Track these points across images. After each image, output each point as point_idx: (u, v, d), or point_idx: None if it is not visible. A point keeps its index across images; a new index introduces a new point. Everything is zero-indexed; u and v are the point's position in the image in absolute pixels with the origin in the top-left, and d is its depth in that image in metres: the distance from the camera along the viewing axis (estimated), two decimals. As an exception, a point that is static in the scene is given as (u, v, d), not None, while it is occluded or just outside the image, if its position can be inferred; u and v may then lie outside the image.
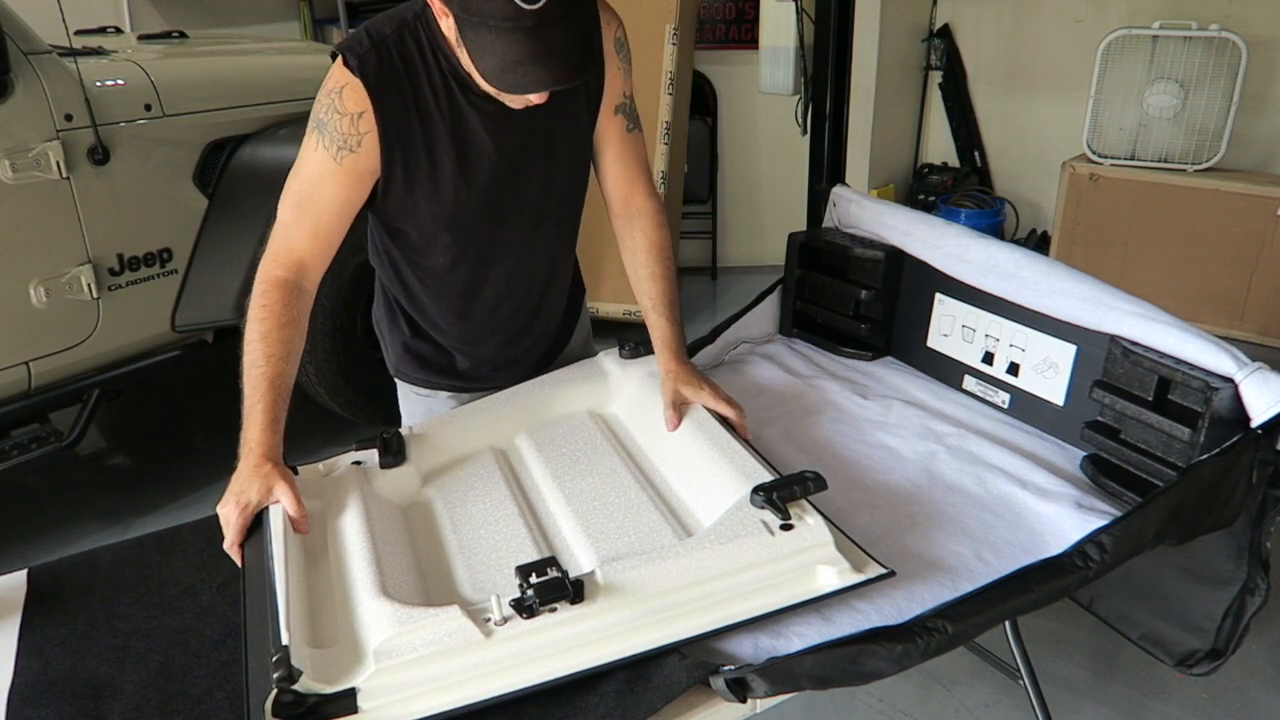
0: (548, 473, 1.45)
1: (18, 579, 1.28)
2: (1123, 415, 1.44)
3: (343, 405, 3.14)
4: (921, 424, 1.63)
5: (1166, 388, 1.41)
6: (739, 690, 1.04)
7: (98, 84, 2.57)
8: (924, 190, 4.78)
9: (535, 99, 1.29)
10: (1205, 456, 1.29)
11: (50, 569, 1.31)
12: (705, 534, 1.20)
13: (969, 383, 1.73)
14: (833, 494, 1.31)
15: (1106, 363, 1.48)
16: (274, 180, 2.72)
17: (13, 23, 2.41)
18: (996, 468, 1.49)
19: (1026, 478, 1.46)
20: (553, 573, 1.09)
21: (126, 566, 1.31)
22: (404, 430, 1.51)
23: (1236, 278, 3.83)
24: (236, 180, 2.85)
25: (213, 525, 1.38)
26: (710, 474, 1.35)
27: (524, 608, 1.06)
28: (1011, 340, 1.64)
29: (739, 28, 4.58)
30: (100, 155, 2.55)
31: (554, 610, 1.07)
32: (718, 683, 1.05)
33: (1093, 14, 4.35)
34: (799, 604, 1.15)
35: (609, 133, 1.54)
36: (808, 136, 2.40)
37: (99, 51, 2.80)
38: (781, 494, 1.22)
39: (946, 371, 1.78)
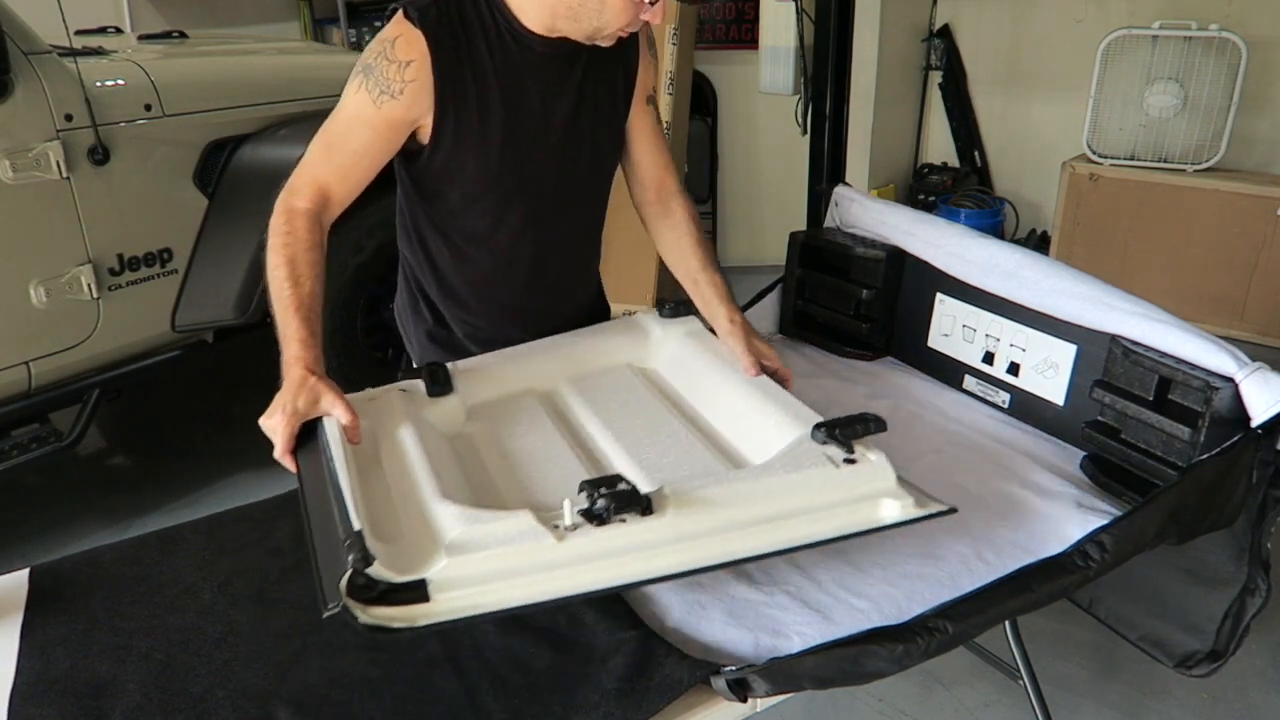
0: (593, 413, 1.45)
1: (19, 578, 1.29)
2: (1123, 415, 1.44)
3: (343, 405, 3.14)
4: (922, 424, 1.63)
5: (1167, 387, 1.41)
6: (740, 690, 1.04)
7: (98, 84, 2.57)
8: (924, 190, 4.78)
9: (652, 18, 1.33)
10: (1205, 456, 1.29)
11: (51, 568, 1.31)
12: (771, 462, 1.22)
13: (969, 383, 1.73)
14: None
15: (1107, 362, 1.48)
16: (274, 180, 2.72)
17: (13, 23, 2.40)
18: (997, 467, 1.49)
19: (1027, 477, 1.46)
20: (622, 486, 1.10)
21: (127, 565, 1.31)
22: (449, 365, 1.51)
23: (1236, 278, 3.83)
24: (236, 180, 2.84)
25: (213, 524, 1.38)
26: (762, 419, 1.36)
27: (595, 515, 1.08)
28: (1012, 340, 1.64)
29: (739, 28, 4.58)
30: (100, 155, 2.54)
31: (624, 521, 1.08)
32: (719, 683, 1.05)
33: (1093, 14, 4.35)
34: (862, 533, 1.17)
35: (641, 122, 1.58)
36: (808, 136, 2.40)
37: (99, 51, 2.79)
38: (844, 430, 1.24)
39: (947, 371, 1.78)
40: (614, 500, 1.08)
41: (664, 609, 1.20)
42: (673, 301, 1.68)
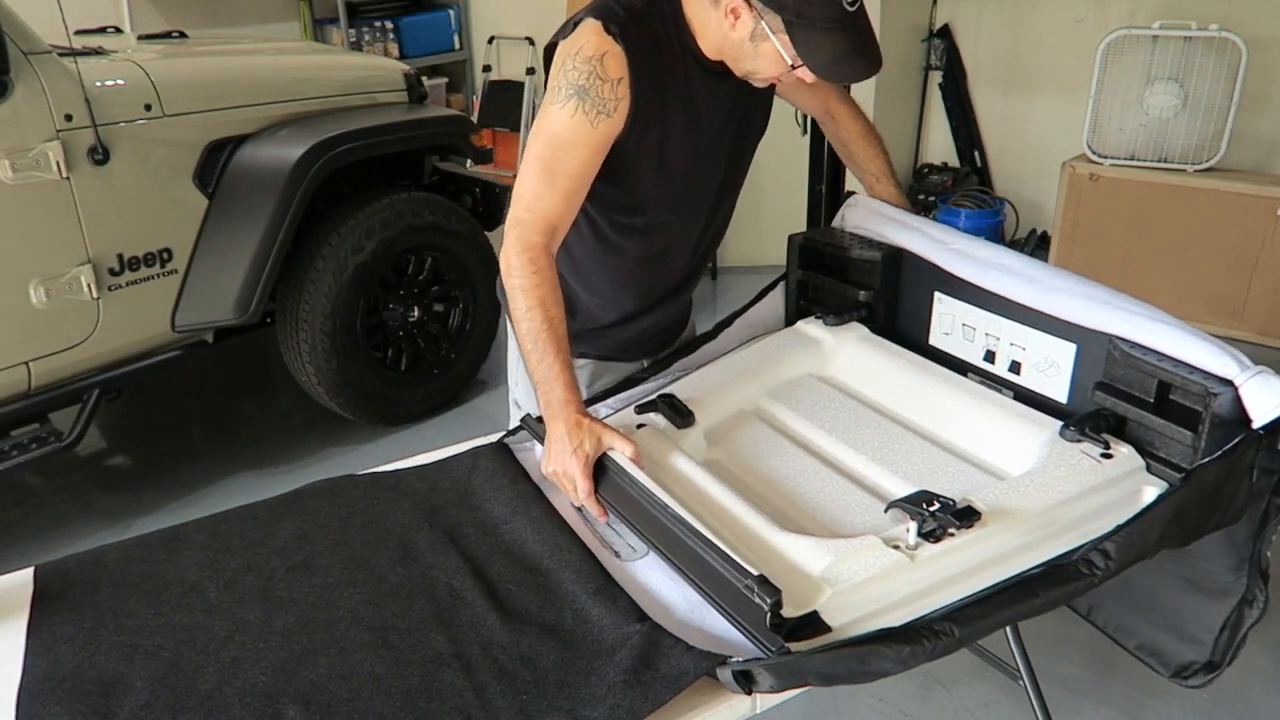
0: (818, 427, 1.50)
1: (24, 577, 1.28)
2: (1124, 418, 1.44)
3: (343, 405, 3.14)
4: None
5: (1167, 390, 1.41)
6: (745, 682, 1.04)
7: (98, 84, 2.57)
8: (924, 190, 4.79)
9: (805, 76, 1.39)
10: (1207, 460, 1.28)
11: (57, 567, 1.31)
12: (1043, 465, 1.31)
13: (972, 381, 1.73)
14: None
15: (1107, 364, 1.48)
16: (274, 180, 2.73)
17: (13, 23, 2.41)
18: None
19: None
20: (939, 502, 1.18)
21: (132, 564, 1.31)
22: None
23: (1236, 278, 3.84)
24: (236, 180, 2.84)
25: (217, 522, 1.38)
26: (994, 421, 1.45)
27: (930, 534, 1.16)
28: (1011, 339, 1.64)
29: (738, 28, 4.57)
30: (100, 155, 2.55)
31: (952, 535, 1.17)
32: (724, 674, 1.05)
33: (1093, 14, 4.36)
34: (1135, 518, 1.23)
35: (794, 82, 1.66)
36: (808, 137, 2.40)
37: (99, 51, 2.80)
38: (1092, 426, 1.35)
39: (950, 369, 1.77)
40: (945, 515, 1.17)
41: (670, 603, 1.20)
42: (830, 314, 1.78)
